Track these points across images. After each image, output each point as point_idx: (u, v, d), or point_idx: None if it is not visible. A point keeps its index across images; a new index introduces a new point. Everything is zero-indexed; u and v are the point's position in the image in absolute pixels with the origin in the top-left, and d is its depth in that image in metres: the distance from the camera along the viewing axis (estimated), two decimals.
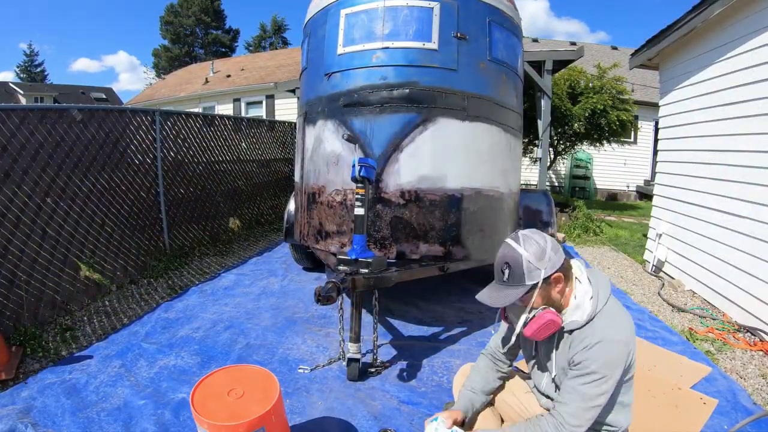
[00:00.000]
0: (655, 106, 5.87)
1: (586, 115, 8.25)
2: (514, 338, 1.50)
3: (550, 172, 12.62)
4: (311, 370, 2.51)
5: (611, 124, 8.39)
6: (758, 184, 3.20)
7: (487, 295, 1.39)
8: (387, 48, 2.75)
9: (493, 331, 3.09)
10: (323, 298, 2.02)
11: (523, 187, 5.87)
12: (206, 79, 16.93)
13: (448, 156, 2.79)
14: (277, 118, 12.24)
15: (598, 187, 13.34)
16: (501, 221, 3.14)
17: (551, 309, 1.34)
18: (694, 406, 2.20)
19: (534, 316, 1.33)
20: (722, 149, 3.71)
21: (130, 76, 73.89)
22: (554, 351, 1.42)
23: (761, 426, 2.06)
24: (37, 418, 2.03)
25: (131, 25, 74.35)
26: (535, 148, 7.40)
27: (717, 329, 3.20)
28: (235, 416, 1.48)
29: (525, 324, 1.35)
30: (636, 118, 10.97)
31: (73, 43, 77.73)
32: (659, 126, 5.00)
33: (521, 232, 1.36)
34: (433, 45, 2.74)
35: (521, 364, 1.81)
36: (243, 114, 13.73)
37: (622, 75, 9.22)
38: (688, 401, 2.24)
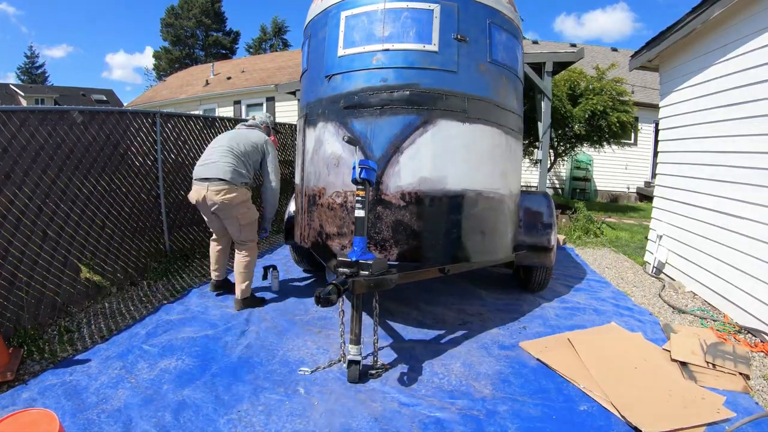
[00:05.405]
0: (655, 107, 5.88)
1: (587, 116, 8.26)
2: None
3: (551, 173, 12.63)
4: (312, 371, 2.51)
5: (611, 125, 8.40)
6: (758, 185, 3.20)
7: None
8: (387, 50, 2.76)
9: (495, 331, 3.09)
10: (323, 299, 2.02)
11: (524, 188, 5.87)
12: (207, 81, 16.98)
13: (448, 158, 2.79)
14: (278, 120, 12.24)
15: (598, 188, 13.35)
16: (501, 223, 3.14)
17: None
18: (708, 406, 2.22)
19: None
20: (722, 150, 3.71)
21: (124, 72, 74.24)
22: None
23: (761, 426, 2.05)
24: None
25: (130, 25, 74.58)
26: (536, 150, 7.40)
27: (718, 330, 3.20)
28: None
29: None
30: (636, 119, 10.98)
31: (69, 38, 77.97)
32: (659, 127, 5.00)
33: None
34: (434, 47, 2.74)
35: None
36: (243, 116, 13.74)
37: (622, 76, 9.24)
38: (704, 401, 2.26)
